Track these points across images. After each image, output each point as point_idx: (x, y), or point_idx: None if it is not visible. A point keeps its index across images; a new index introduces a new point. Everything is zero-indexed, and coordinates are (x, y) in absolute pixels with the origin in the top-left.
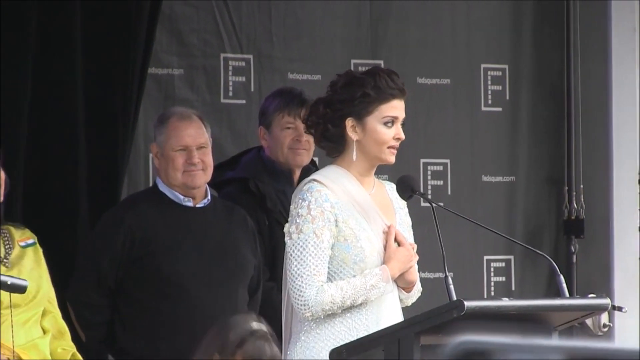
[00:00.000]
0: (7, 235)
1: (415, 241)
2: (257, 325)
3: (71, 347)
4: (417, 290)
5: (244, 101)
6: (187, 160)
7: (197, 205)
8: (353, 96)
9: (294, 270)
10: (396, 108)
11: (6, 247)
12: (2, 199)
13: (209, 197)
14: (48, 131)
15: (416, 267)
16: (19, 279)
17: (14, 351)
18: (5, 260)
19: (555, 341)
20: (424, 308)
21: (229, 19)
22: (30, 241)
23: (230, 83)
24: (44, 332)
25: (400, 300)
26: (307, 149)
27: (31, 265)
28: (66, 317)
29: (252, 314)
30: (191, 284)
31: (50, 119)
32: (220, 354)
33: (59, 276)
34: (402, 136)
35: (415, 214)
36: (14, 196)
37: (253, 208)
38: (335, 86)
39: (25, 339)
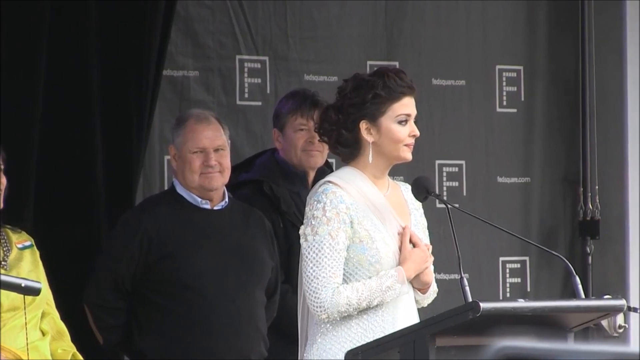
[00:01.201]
0: (5, 237)
1: (431, 242)
2: None
3: (71, 348)
4: (433, 291)
5: (259, 103)
6: (204, 162)
7: (215, 208)
8: (365, 99)
9: (309, 272)
10: (408, 105)
11: (4, 249)
12: (1, 204)
13: (227, 199)
14: (62, 132)
15: (432, 268)
16: (33, 281)
17: (28, 353)
18: (3, 262)
19: (598, 346)
20: (440, 309)
21: (244, 20)
22: (28, 243)
23: (246, 85)
24: (43, 334)
25: (416, 301)
26: (320, 151)
27: (29, 267)
28: (71, 318)
29: None
30: (209, 286)
31: (64, 120)
32: None
33: (74, 278)
34: (417, 132)
35: (430, 215)
36: (26, 198)
37: (268, 210)
38: (344, 91)
39: (24, 342)
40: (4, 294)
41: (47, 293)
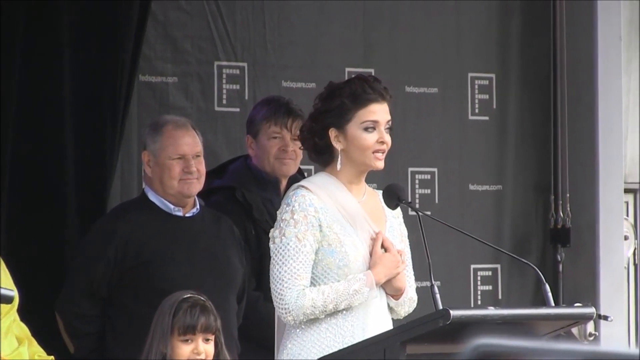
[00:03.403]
0: None
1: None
2: (191, 294)
3: (43, 352)
4: (409, 299)
5: (238, 109)
6: (184, 168)
7: (187, 215)
8: (331, 106)
9: (275, 274)
10: (375, 112)
11: None
12: None
13: (198, 206)
14: (33, 137)
15: (412, 277)
16: (6, 289)
17: None
18: None
19: (575, 345)
20: (411, 317)
21: (222, 26)
22: None
23: (225, 91)
24: (18, 340)
25: (391, 309)
26: (293, 159)
27: None
28: (42, 325)
29: (191, 290)
30: None
31: (36, 124)
32: (162, 331)
33: (45, 284)
34: (385, 139)
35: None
36: None
37: (240, 217)
38: (319, 99)
39: (10, 349)
40: None
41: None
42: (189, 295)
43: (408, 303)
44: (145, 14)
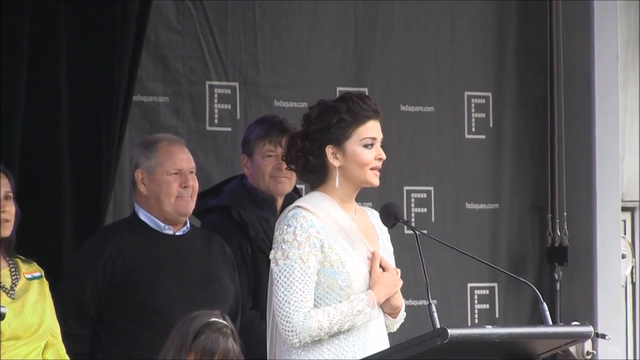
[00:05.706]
0: (15, 267)
1: (400, 268)
2: (215, 318)
3: None
4: (402, 315)
5: (229, 129)
6: (181, 184)
7: (177, 233)
8: (329, 124)
9: (280, 296)
10: (373, 129)
11: (13, 278)
12: (13, 232)
13: (188, 224)
14: (31, 157)
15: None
16: None
17: None
18: (11, 292)
19: None
20: (408, 335)
21: (214, 45)
22: (37, 274)
23: (216, 110)
24: None
25: (386, 326)
26: (288, 177)
27: (35, 298)
28: None
29: (215, 310)
30: (173, 312)
31: (33, 144)
32: (179, 348)
33: None
34: (383, 156)
35: (399, 241)
36: None
37: (236, 236)
38: (310, 118)
39: None
40: (5, 323)
41: (52, 325)
42: (213, 319)
43: (401, 319)
44: (141, 36)
